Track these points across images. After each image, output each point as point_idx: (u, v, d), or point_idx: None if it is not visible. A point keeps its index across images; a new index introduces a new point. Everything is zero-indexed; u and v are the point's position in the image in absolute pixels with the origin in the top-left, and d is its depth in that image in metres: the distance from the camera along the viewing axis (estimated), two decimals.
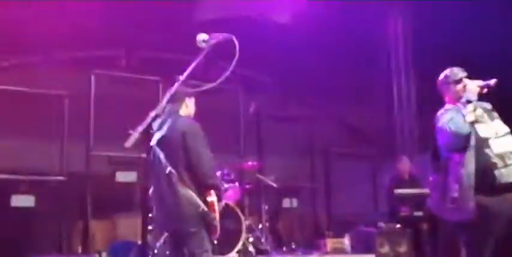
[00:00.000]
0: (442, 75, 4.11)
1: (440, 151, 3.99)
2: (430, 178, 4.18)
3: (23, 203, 6.94)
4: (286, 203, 8.14)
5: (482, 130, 3.86)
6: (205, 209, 3.82)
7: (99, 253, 6.34)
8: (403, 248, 6.94)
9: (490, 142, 3.82)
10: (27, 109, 7.07)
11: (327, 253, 7.27)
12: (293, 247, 7.61)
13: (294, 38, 8.29)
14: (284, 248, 7.54)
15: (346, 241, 7.40)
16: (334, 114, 9.54)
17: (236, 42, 3.16)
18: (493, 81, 3.89)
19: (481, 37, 8.64)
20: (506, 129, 3.95)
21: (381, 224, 7.28)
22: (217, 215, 3.95)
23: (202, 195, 3.90)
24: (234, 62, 3.19)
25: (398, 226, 7.17)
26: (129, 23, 7.67)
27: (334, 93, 9.19)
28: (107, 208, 7.42)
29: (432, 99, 4.76)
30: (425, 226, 7.21)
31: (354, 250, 7.29)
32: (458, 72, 4.05)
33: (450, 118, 3.86)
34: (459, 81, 3.97)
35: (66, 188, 7.12)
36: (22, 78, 7.21)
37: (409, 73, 9.32)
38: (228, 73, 3.24)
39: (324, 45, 8.73)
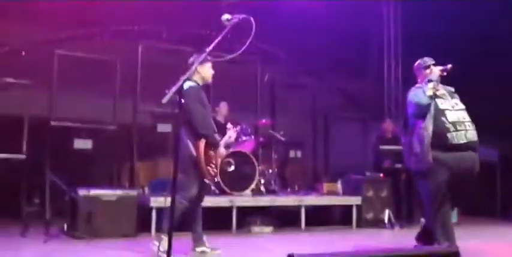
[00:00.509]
0: (416, 63, 4.52)
1: (409, 119, 4.40)
2: (403, 140, 4.50)
3: (82, 146, 7.08)
4: (292, 153, 8.22)
5: (442, 103, 4.23)
6: (194, 154, 4.07)
7: (142, 188, 6.44)
8: (384, 193, 7.13)
9: (447, 112, 4.16)
10: (88, 71, 7.10)
11: (323, 194, 7.43)
12: (296, 188, 7.80)
13: (305, 19, 8.23)
14: (289, 190, 7.70)
15: (339, 185, 7.48)
16: (335, 84, 9.51)
17: (253, 22, 3.21)
18: (449, 66, 4.27)
19: (462, 27, 8.61)
20: (462, 106, 4.31)
21: (368, 173, 7.46)
22: (215, 162, 4.20)
23: (199, 146, 4.09)
24: (250, 38, 3.30)
25: (381, 175, 7.37)
26: (170, 3, 7.75)
27: (335, 67, 9.22)
28: (149, 152, 7.57)
29: (414, 74, 4.96)
30: (403, 176, 7.41)
31: (345, 192, 7.35)
32: (427, 60, 4.43)
33: (415, 94, 4.30)
34: (427, 67, 4.37)
35: (117, 136, 7.25)
36: (85, 46, 7.31)
37: (397, 52, 9.25)
38: (244, 47, 3.32)
39: (329, 27, 8.74)
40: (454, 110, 4.23)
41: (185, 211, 4.18)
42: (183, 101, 3.20)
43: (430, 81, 4.25)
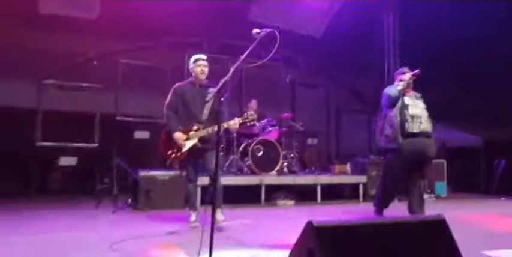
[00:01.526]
0: (398, 70, 4.86)
1: (383, 109, 4.64)
2: (377, 124, 4.70)
3: (141, 136, 7.28)
4: (309, 141, 8.18)
5: (407, 100, 4.51)
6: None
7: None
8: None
9: (409, 107, 4.46)
10: (145, 76, 7.27)
11: (335, 174, 7.39)
12: (313, 169, 7.74)
13: (319, 25, 8.16)
14: (307, 170, 7.66)
15: (348, 167, 7.45)
16: (345, 82, 9.43)
17: (278, 35, 3.22)
18: (417, 71, 4.57)
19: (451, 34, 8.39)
20: (424, 106, 4.58)
21: (371, 156, 7.37)
22: (177, 146, 4.02)
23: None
24: (275, 48, 3.28)
25: (382, 158, 7.30)
26: (210, 20, 7.77)
27: (345, 69, 9.06)
28: None
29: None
30: None
31: (353, 172, 7.32)
32: (404, 69, 4.72)
33: (388, 88, 4.63)
34: (403, 73, 4.64)
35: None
36: (141, 55, 7.43)
37: (395, 55, 9.09)
38: (271, 55, 3.31)
39: (339, 35, 8.63)
40: (415, 107, 4.51)
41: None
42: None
43: (401, 80, 4.59)
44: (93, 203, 5.66)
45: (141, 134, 7.32)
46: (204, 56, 4.26)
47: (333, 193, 6.86)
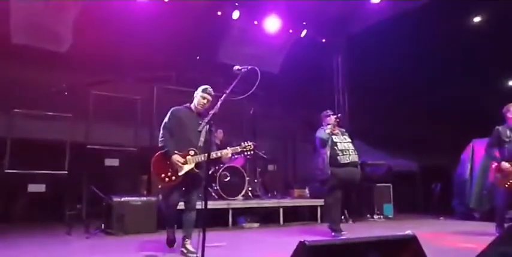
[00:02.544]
0: (323, 113, 5.41)
1: (317, 147, 5.22)
2: (314, 161, 5.31)
3: (111, 164, 7.00)
4: (270, 167, 8.17)
5: (336, 138, 5.13)
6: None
7: (157, 196, 6.37)
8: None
9: (338, 144, 5.08)
10: (115, 107, 7.08)
11: (295, 197, 7.47)
12: (275, 193, 7.73)
13: (278, 60, 8.40)
14: (269, 195, 7.65)
15: (307, 191, 7.57)
16: (300, 115, 9.61)
17: (259, 72, 3.29)
18: (339, 115, 5.33)
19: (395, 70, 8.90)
20: (349, 140, 5.25)
21: None
22: (172, 169, 3.67)
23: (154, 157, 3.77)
24: (256, 83, 3.35)
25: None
26: (179, 55, 7.81)
27: (299, 103, 9.37)
28: None
29: (358, 107, 5.35)
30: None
31: (311, 196, 7.41)
32: (329, 112, 5.36)
33: (319, 132, 5.19)
34: (328, 116, 5.28)
35: (137, 156, 7.14)
36: (113, 88, 7.27)
37: (344, 91, 9.45)
38: (253, 89, 3.36)
39: (295, 74, 8.96)
40: (343, 142, 5.14)
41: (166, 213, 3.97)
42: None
43: (328, 124, 5.19)
44: (64, 229, 5.31)
45: (111, 162, 7.04)
46: (211, 90, 3.95)
47: (294, 215, 6.86)
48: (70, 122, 6.91)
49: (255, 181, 7.24)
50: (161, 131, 3.87)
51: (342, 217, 6.86)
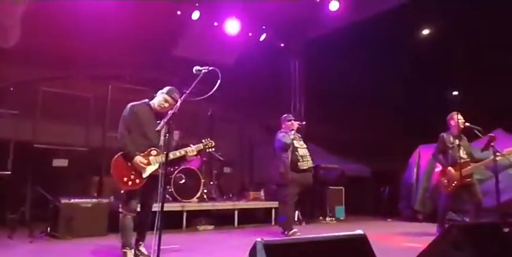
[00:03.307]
0: (283, 116, 5.60)
1: (277, 150, 5.38)
2: (274, 163, 5.46)
3: (60, 164, 6.74)
4: (226, 169, 8.15)
5: (296, 143, 5.33)
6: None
7: (109, 197, 6.19)
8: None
9: (298, 149, 5.30)
10: (66, 105, 6.84)
11: (250, 200, 7.48)
12: (230, 196, 7.69)
13: (235, 72, 8.36)
14: (224, 197, 7.59)
15: (262, 193, 7.63)
16: (257, 118, 9.65)
17: (219, 73, 3.27)
18: (303, 123, 5.55)
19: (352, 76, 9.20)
20: (305, 146, 5.45)
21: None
22: (134, 172, 3.48)
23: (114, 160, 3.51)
24: (217, 85, 3.32)
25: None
26: (133, 53, 7.63)
27: (257, 106, 9.41)
28: None
29: (313, 111, 5.53)
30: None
31: (266, 198, 7.49)
32: (290, 116, 5.57)
33: (282, 136, 5.33)
34: (290, 120, 5.49)
35: (88, 156, 6.95)
36: (64, 84, 7.01)
37: (301, 95, 9.61)
38: (212, 91, 3.33)
39: (253, 77, 9.01)
40: (302, 148, 5.37)
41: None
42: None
43: (292, 130, 5.37)
44: (5, 233, 5.01)
45: (59, 162, 6.74)
46: (177, 96, 3.69)
47: (248, 217, 6.90)
48: (16, 120, 6.53)
49: (211, 183, 7.21)
50: (120, 128, 3.63)
51: (296, 219, 7.05)
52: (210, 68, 3.14)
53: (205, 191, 6.82)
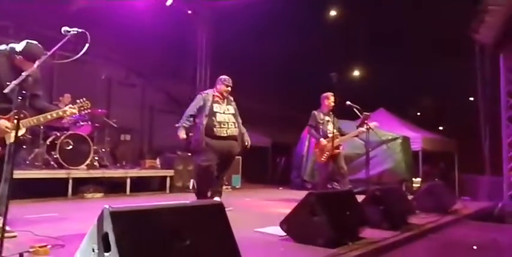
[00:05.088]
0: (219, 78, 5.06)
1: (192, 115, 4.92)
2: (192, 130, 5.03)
3: None
4: (122, 137, 7.94)
5: (216, 108, 4.87)
6: None
7: None
8: (190, 167, 7.28)
9: (217, 114, 4.83)
10: None
11: (145, 168, 7.43)
12: (124, 164, 7.48)
13: (139, 28, 7.88)
14: (118, 165, 7.40)
15: (158, 161, 7.58)
16: (159, 84, 9.46)
17: (88, 36, 3.02)
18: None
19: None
20: (232, 111, 4.97)
21: (179, 152, 7.55)
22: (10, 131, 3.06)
23: None
24: (85, 48, 3.08)
25: (189, 153, 7.43)
26: (20, 3, 6.93)
27: (160, 72, 9.21)
28: None
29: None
30: None
31: (162, 167, 7.48)
32: (228, 79, 4.99)
33: (197, 97, 5.04)
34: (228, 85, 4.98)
35: None
36: None
37: (207, 63, 9.60)
38: (79, 55, 3.07)
39: (157, 43, 8.71)
40: (223, 114, 4.87)
41: None
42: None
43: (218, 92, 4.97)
44: None
45: None
46: (38, 52, 3.24)
47: (143, 186, 6.89)
48: None
49: (103, 150, 7.00)
50: None
51: (191, 187, 7.17)
52: (80, 30, 2.94)
53: (96, 158, 6.62)
